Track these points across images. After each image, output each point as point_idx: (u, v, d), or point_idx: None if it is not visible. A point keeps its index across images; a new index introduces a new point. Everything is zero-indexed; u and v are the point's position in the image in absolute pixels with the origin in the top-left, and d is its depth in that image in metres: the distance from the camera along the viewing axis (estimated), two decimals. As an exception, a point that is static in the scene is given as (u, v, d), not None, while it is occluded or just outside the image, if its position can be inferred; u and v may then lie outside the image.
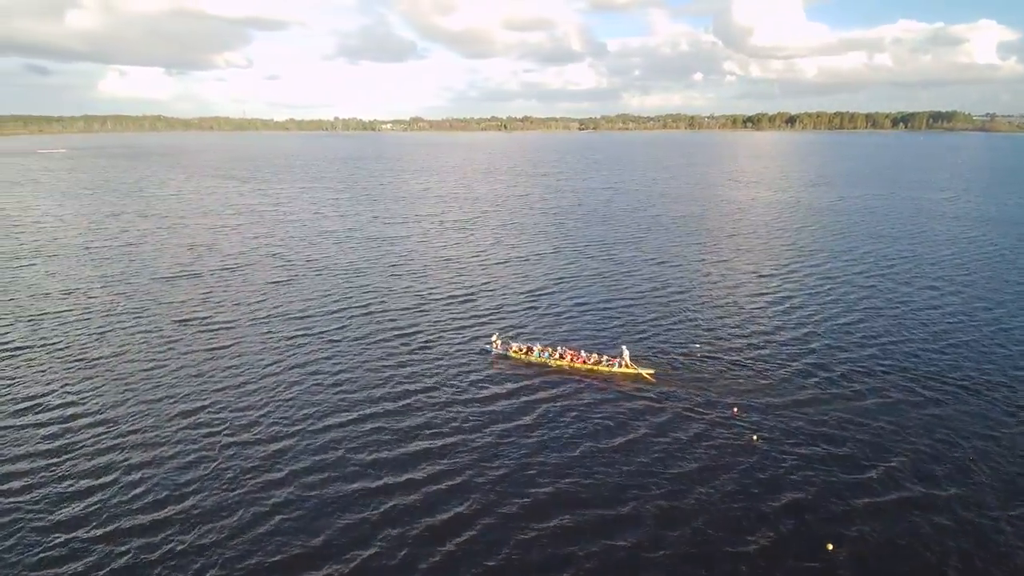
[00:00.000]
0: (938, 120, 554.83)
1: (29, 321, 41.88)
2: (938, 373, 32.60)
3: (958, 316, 41.96)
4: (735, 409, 28.94)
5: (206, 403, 29.63)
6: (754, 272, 54.50)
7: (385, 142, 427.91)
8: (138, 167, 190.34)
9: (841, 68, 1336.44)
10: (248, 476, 23.64)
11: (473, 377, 32.70)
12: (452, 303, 45.90)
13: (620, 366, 32.53)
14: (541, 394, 30.72)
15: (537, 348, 34.77)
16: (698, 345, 37.02)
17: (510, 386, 31.61)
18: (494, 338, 35.99)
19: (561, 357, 33.70)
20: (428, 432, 27.05)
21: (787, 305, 44.82)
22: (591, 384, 31.77)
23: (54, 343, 37.81)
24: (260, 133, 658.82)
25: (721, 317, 42.20)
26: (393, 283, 51.39)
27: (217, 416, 28.33)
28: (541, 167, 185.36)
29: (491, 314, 43.28)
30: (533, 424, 27.74)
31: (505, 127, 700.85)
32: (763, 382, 31.83)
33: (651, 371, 32.30)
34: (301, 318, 42.34)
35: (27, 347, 37.16)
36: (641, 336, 38.47)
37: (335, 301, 46.21)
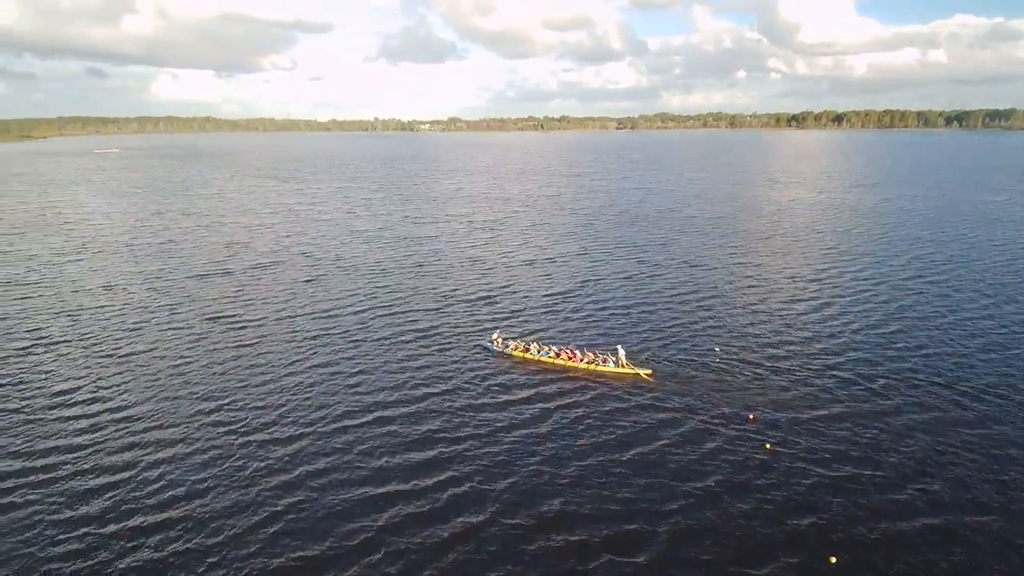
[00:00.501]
0: (995, 119, 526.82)
1: (69, 315, 43.53)
2: (988, 388, 30.57)
3: (1013, 327, 39.38)
4: (751, 416, 27.89)
5: (227, 400, 30.12)
6: (789, 276, 52.52)
7: (422, 142, 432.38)
8: (185, 167, 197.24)
9: (893, 65, 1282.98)
10: (261, 476, 23.85)
11: (482, 379, 32.45)
12: (474, 304, 45.65)
13: (616, 365, 32.30)
14: (544, 395, 30.36)
15: (535, 346, 34.86)
16: (718, 349, 35.82)
17: (512, 387, 31.37)
18: (494, 336, 36.34)
19: (558, 355, 33.75)
20: (437, 435, 26.86)
21: (822, 312, 42.94)
22: (591, 384, 31.46)
23: (90, 337, 39.16)
24: (303, 134, 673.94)
25: (748, 322, 40.71)
26: (418, 283, 51.48)
27: (237, 414, 28.73)
28: (575, 167, 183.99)
29: (511, 315, 42.86)
30: (539, 428, 27.25)
31: (542, 127, 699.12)
32: (787, 391, 30.49)
33: (648, 371, 32.02)
34: (325, 317, 42.76)
35: (65, 340, 38.60)
36: (660, 339, 37.45)
37: (359, 300, 46.54)
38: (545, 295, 47.70)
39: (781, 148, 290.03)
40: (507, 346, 35.39)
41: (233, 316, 43.15)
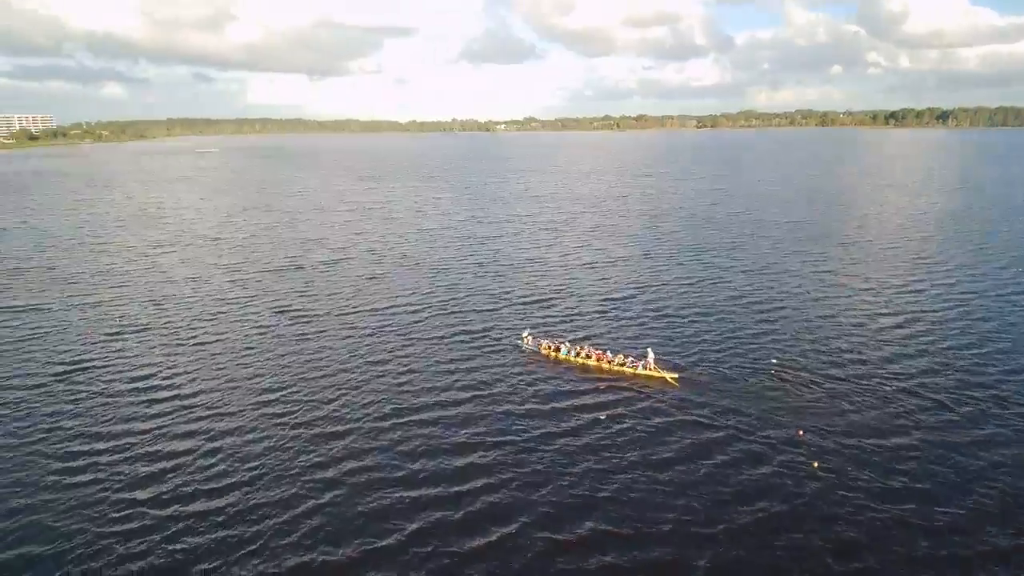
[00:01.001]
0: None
1: (155, 303, 47.26)
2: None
3: None
4: (800, 431, 26.25)
5: (282, 392, 31.57)
6: (871, 287, 48.85)
7: (497, 142, 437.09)
8: (274, 166, 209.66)
9: (1010, 57, 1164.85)
10: (305, 469, 24.76)
11: (524, 382, 32.18)
12: (529, 306, 45.54)
13: (644, 368, 31.90)
14: (578, 399, 30.02)
15: (565, 346, 34.78)
16: (776, 360, 33.85)
17: (547, 391, 31.16)
18: (525, 334, 36.58)
19: (588, 356, 33.67)
20: (474, 439, 26.94)
21: (906, 328, 39.58)
22: (621, 388, 31.17)
23: (171, 324, 42.31)
24: (384, 134, 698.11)
25: (816, 334, 38.16)
26: (476, 283, 52.01)
27: (290, 407, 30.01)
28: (648, 167, 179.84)
29: (564, 318, 42.41)
30: (577, 439, 26.66)
31: (618, 126, 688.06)
32: (849, 411, 28.36)
33: (675, 375, 31.48)
34: (383, 314, 44.05)
35: (149, 327, 41.91)
36: (714, 347, 35.86)
37: (417, 299, 47.59)
38: (602, 299, 46.88)
39: (875, 148, 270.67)
40: (538, 345, 35.61)
41: (299, 310, 45.29)
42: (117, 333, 40.76)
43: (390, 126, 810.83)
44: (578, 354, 34.06)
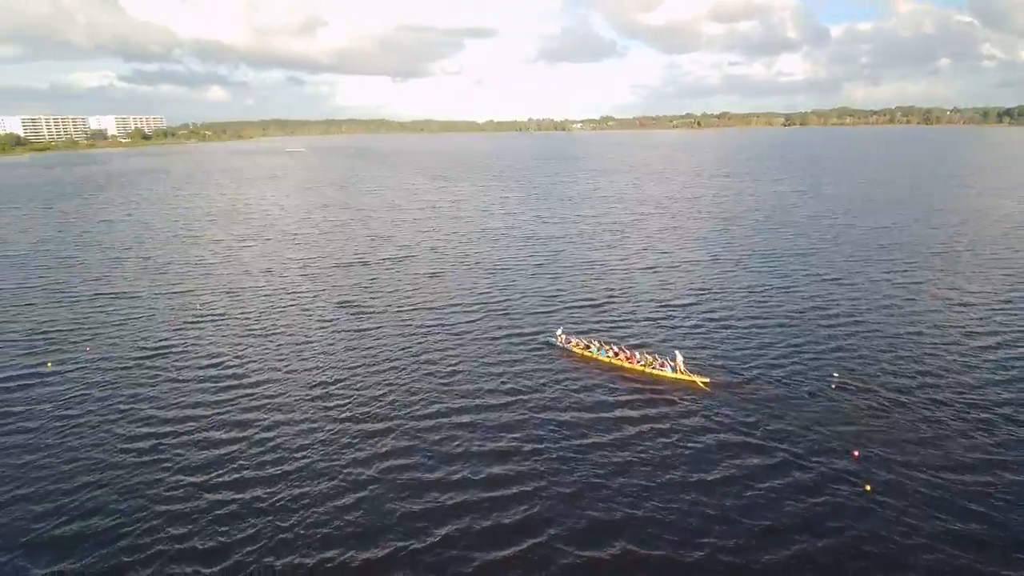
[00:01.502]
0: None
1: (232, 294, 50.50)
2: None
3: None
4: (856, 453, 24.62)
5: (334, 386, 32.85)
6: (958, 301, 44.69)
7: (571, 141, 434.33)
8: (355, 165, 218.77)
9: None
10: (345, 463, 25.63)
11: (564, 383, 31.92)
12: (584, 309, 45.01)
13: (673, 371, 31.63)
14: (608, 401, 29.80)
15: (595, 344, 35.20)
16: (837, 375, 31.71)
17: (581, 392, 31.18)
18: (559, 332, 37.22)
19: (616, 355, 33.85)
20: (512, 440, 26.98)
21: (994, 351, 35.91)
22: (651, 389, 31.03)
23: (243, 315, 45.11)
24: (461, 134, 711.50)
25: (888, 349, 35.33)
26: (532, 284, 52.00)
27: (339, 400, 31.13)
28: (726, 167, 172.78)
29: (615, 323, 41.54)
30: (613, 443, 26.14)
31: (699, 124, 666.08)
32: (918, 433, 26.15)
33: (705, 379, 30.88)
34: (439, 312, 44.92)
35: (225, 316, 44.90)
36: (770, 359, 33.95)
37: (473, 298, 48.19)
38: (660, 304, 45.56)
39: (986, 148, 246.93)
40: (570, 343, 36.07)
41: (360, 305, 47.02)
42: (195, 322, 43.93)
43: (467, 126, 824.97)
44: (608, 352, 34.27)
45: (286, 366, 35.54)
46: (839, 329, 39.35)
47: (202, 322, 43.73)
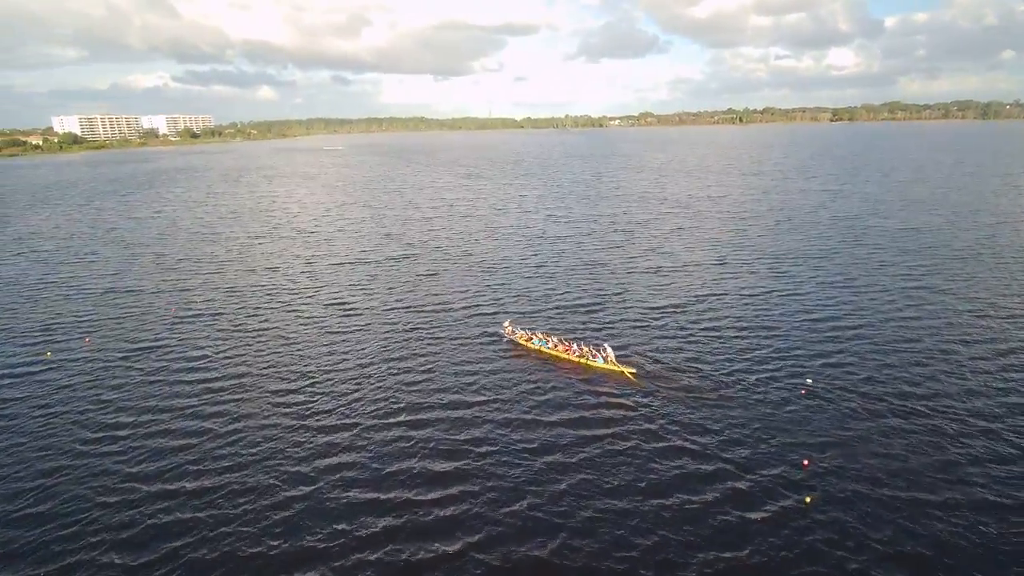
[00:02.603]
0: None
1: (233, 291, 51.69)
2: None
3: None
4: (805, 462, 23.76)
5: (306, 384, 33.22)
6: (970, 308, 42.08)
7: (606, 138, 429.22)
8: (388, 162, 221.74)
9: None
10: (298, 458, 26.06)
11: (519, 379, 31.34)
12: (576, 311, 44.27)
13: (604, 362, 32.92)
14: (552, 390, 29.30)
15: (537, 336, 36.67)
16: (811, 381, 30.38)
17: (525, 377, 32.56)
18: (507, 323, 38.73)
19: (555, 347, 35.30)
20: (464, 441, 26.69)
21: (996, 360, 33.67)
22: (586, 379, 32.38)
23: (237, 312, 46.10)
24: (498, 131, 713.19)
25: (879, 357, 33.47)
26: (527, 284, 51.51)
27: (308, 397, 31.59)
28: (759, 164, 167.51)
29: (604, 325, 40.68)
30: (542, 427, 25.54)
31: (740, 120, 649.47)
32: (878, 445, 24.82)
33: (633, 371, 32.05)
34: (426, 312, 44.95)
35: (220, 312, 45.97)
36: (747, 363, 32.56)
37: (465, 298, 48.04)
38: (651, 307, 44.40)
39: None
40: (515, 334, 37.50)
41: (351, 304, 47.43)
42: (193, 317, 45.18)
43: (504, 123, 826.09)
44: (548, 343, 35.75)
45: (267, 363, 36.06)
46: (834, 335, 37.56)
47: (194, 319, 44.81)
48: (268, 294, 50.77)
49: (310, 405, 30.65)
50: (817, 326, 39.60)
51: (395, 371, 34.41)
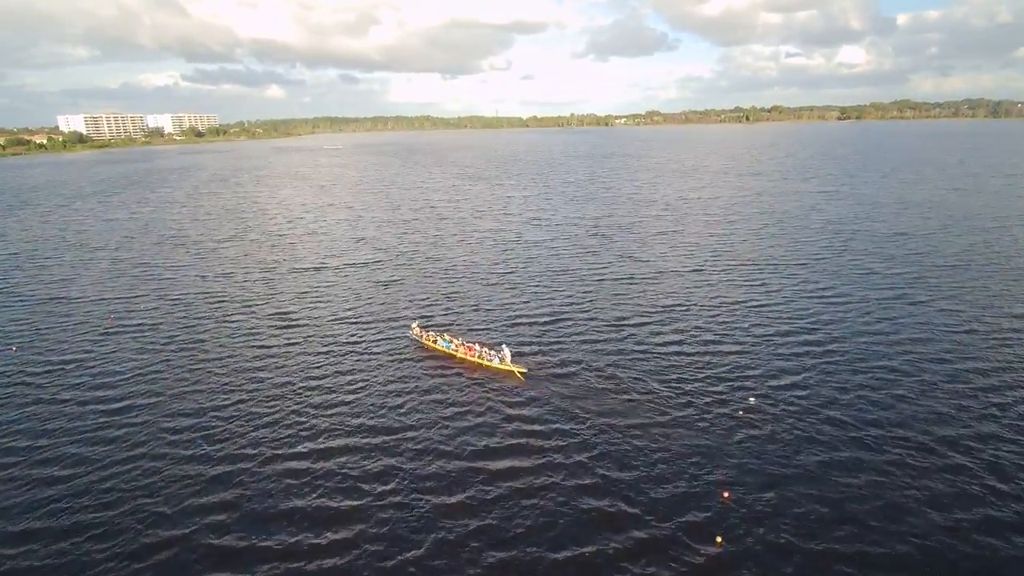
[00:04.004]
0: None
1: (176, 301, 49.35)
2: None
3: None
4: (726, 494, 21.50)
5: (215, 406, 30.84)
6: (950, 323, 39.05)
7: (608, 138, 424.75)
8: (382, 162, 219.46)
9: None
10: (178, 496, 23.62)
11: (413, 374, 28.74)
12: (531, 325, 41.52)
13: (500, 362, 33.73)
14: (447, 388, 29.03)
15: (442, 337, 37.13)
16: (754, 400, 27.79)
17: (418, 375, 33.20)
18: (414, 325, 39.17)
19: (457, 348, 35.97)
20: (350, 423, 24.19)
21: (970, 382, 30.74)
22: (476, 377, 33.42)
23: (174, 324, 43.73)
24: (504, 130, 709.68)
25: (836, 376, 30.54)
26: (487, 294, 48.88)
27: (209, 425, 29.19)
28: (760, 165, 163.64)
29: (557, 343, 37.89)
30: (433, 423, 23.11)
31: (747, 118, 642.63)
32: (828, 480, 21.97)
33: (524, 370, 33.02)
34: (375, 324, 42.49)
35: (159, 323, 43.62)
36: (685, 380, 29.70)
37: (417, 310, 45.51)
38: (614, 321, 41.54)
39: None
40: (422, 336, 37.93)
41: (293, 315, 44.83)
42: (123, 330, 42.82)
43: (509, 122, 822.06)
44: (451, 344, 36.29)
45: (178, 387, 33.54)
46: (790, 351, 34.72)
47: (124, 331, 42.52)
48: (213, 304, 48.35)
49: (209, 432, 28.16)
50: (780, 340, 36.78)
51: (314, 389, 32.03)
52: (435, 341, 37.18)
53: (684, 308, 43.81)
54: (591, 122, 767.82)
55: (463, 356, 35.51)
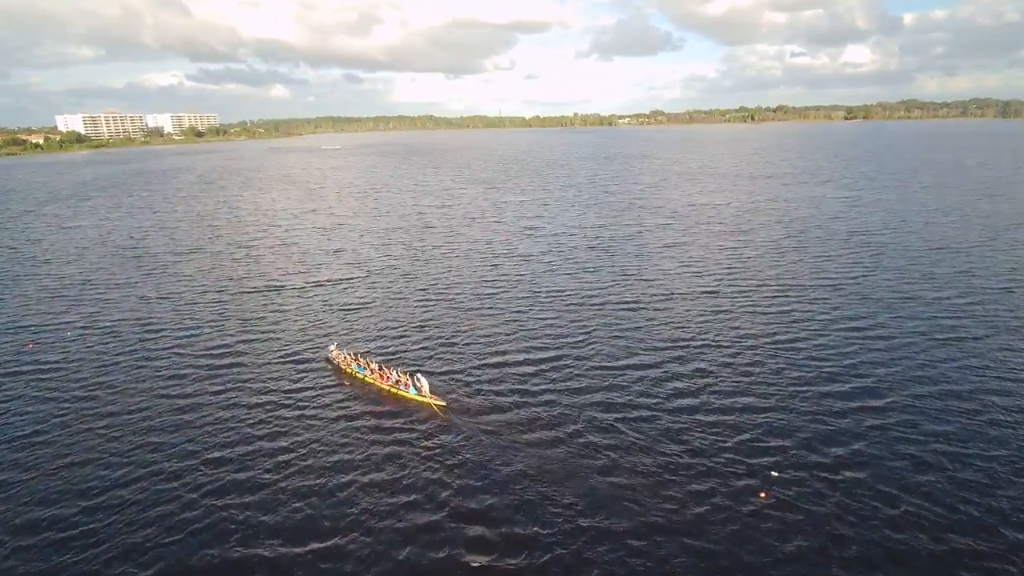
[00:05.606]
0: None
1: (115, 325, 42.53)
2: None
3: None
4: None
5: (157, 422, 24.11)
6: (932, 351, 32.05)
7: (611, 138, 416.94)
8: (377, 163, 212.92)
9: None
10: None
11: (324, 402, 21.86)
12: (504, 365, 34.73)
13: (417, 392, 30.61)
14: (357, 416, 28.75)
15: (358, 361, 33.94)
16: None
17: (329, 404, 26.70)
18: (332, 347, 35.81)
19: (371, 373, 32.85)
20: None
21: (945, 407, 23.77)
22: (389, 408, 30.13)
23: (107, 351, 37.06)
24: (506, 130, 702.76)
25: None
26: (461, 319, 41.93)
27: (162, 435, 22.47)
28: (770, 167, 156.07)
29: (548, 390, 31.04)
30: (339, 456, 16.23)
31: (752, 118, 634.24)
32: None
33: (441, 403, 29.91)
34: (319, 340, 35.73)
35: (84, 352, 36.92)
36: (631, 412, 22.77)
37: (376, 336, 38.71)
38: (616, 361, 34.71)
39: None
40: (339, 358, 34.66)
41: (229, 350, 38.06)
42: (44, 356, 36.52)
43: (512, 122, 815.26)
44: (365, 370, 33.04)
45: (90, 428, 26.94)
46: (819, 406, 27.75)
47: (44, 358, 36.10)
48: (155, 331, 41.60)
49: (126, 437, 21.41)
50: (807, 392, 29.81)
51: (232, 418, 25.45)
52: (350, 365, 33.76)
53: (693, 347, 36.81)
54: (594, 122, 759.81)
55: (377, 383, 32.13)
